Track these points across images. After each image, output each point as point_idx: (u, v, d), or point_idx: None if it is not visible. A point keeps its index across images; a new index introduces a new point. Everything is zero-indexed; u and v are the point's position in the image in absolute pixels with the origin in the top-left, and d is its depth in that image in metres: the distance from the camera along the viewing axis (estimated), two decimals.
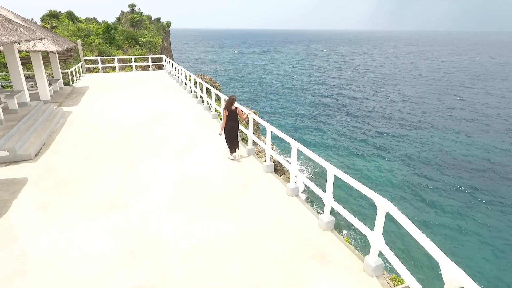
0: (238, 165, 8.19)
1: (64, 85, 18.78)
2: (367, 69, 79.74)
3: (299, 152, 6.52)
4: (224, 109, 8.01)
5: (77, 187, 6.88)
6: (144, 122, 11.86)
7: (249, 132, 9.01)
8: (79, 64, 22.97)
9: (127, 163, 8.16)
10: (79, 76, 22.20)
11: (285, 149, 26.11)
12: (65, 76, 20.08)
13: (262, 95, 51.62)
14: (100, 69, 24.72)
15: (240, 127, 8.99)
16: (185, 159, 8.42)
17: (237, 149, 8.40)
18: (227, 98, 8.49)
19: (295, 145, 6.42)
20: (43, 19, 33.77)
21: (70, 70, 19.90)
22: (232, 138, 8.20)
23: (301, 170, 23.82)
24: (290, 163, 6.87)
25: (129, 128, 11.06)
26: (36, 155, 8.66)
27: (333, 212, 5.61)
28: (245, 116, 8.32)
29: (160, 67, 31.25)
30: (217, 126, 11.40)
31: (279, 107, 44.29)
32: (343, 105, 45.21)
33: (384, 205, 4.18)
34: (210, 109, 13.97)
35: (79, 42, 23.51)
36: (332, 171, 5.28)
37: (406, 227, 3.80)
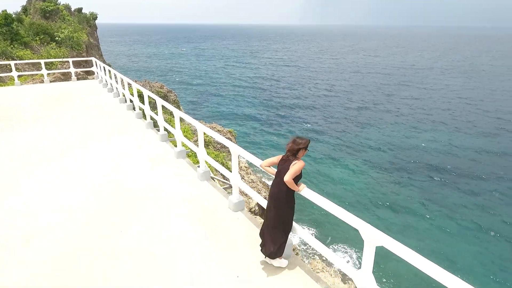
0: None
1: None
2: (301, 66, 78.16)
3: None
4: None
5: None
6: (92, 249, 4.68)
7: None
8: None
9: None
10: None
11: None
12: None
13: (205, 97, 46.79)
14: None
15: None
16: None
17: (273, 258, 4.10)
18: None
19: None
20: None
21: None
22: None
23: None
24: None
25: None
26: None
27: None
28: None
29: (89, 73, 22.59)
30: (246, 234, 4.77)
31: (228, 109, 40.59)
32: (298, 101, 44.67)
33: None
34: (213, 178, 7.21)
35: None
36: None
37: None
